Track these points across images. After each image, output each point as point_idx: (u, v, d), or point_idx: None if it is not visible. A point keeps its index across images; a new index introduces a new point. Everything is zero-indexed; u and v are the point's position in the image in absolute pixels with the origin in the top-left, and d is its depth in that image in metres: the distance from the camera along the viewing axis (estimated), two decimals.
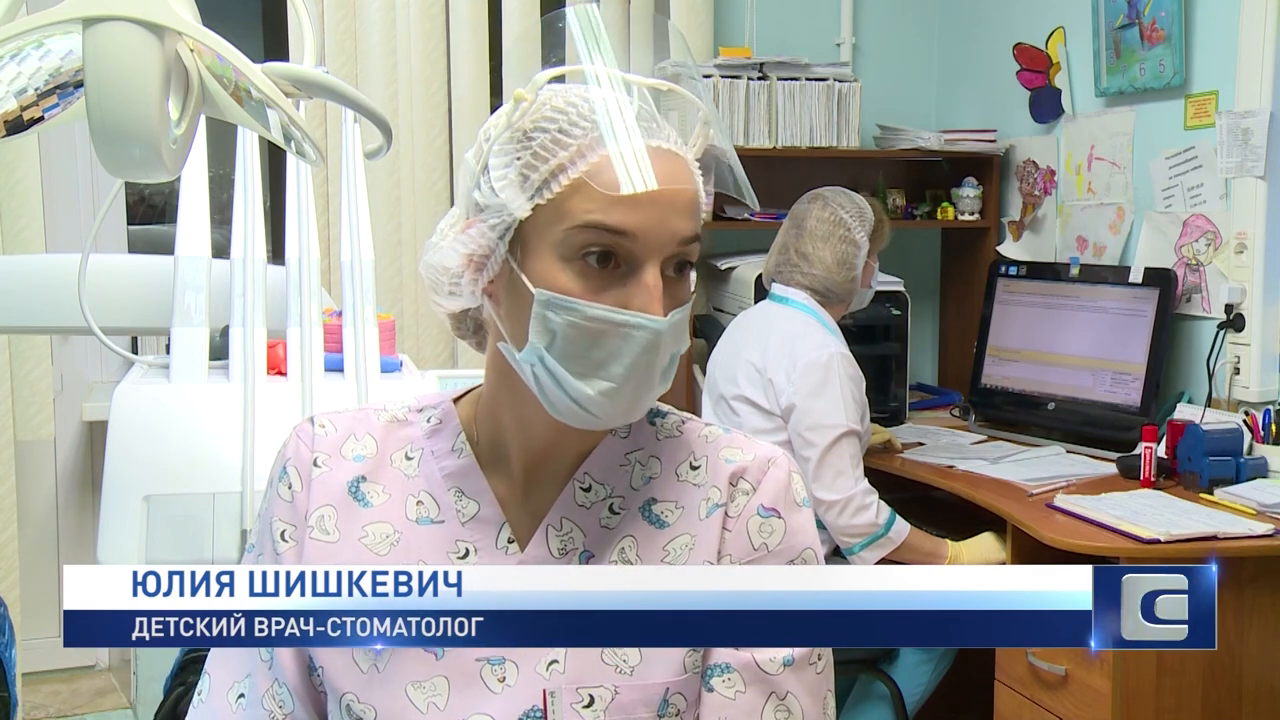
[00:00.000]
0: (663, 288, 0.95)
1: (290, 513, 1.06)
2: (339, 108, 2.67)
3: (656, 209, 0.94)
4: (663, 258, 0.95)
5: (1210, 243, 2.81)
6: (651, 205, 0.94)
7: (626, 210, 0.93)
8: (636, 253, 0.94)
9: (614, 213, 0.93)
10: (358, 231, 2.16)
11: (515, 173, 0.96)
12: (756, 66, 3.34)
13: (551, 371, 0.95)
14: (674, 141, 0.98)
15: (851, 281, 2.67)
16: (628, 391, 0.95)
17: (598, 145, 0.95)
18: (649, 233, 0.94)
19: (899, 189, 3.61)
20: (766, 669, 0.99)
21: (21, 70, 1.04)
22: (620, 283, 0.95)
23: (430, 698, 0.99)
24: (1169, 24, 2.87)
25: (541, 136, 0.96)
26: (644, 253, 0.94)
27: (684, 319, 0.98)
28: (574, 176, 0.94)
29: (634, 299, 0.94)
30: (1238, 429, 2.51)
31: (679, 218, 0.96)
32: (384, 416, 1.09)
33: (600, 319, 0.94)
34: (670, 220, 0.95)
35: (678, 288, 0.98)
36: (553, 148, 0.95)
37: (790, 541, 1.03)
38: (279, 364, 2.08)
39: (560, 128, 0.96)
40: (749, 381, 2.60)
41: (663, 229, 0.95)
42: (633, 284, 0.94)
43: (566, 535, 1.03)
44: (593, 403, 0.95)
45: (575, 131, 0.95)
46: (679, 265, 0.98)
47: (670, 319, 0.95)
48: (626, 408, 0.97)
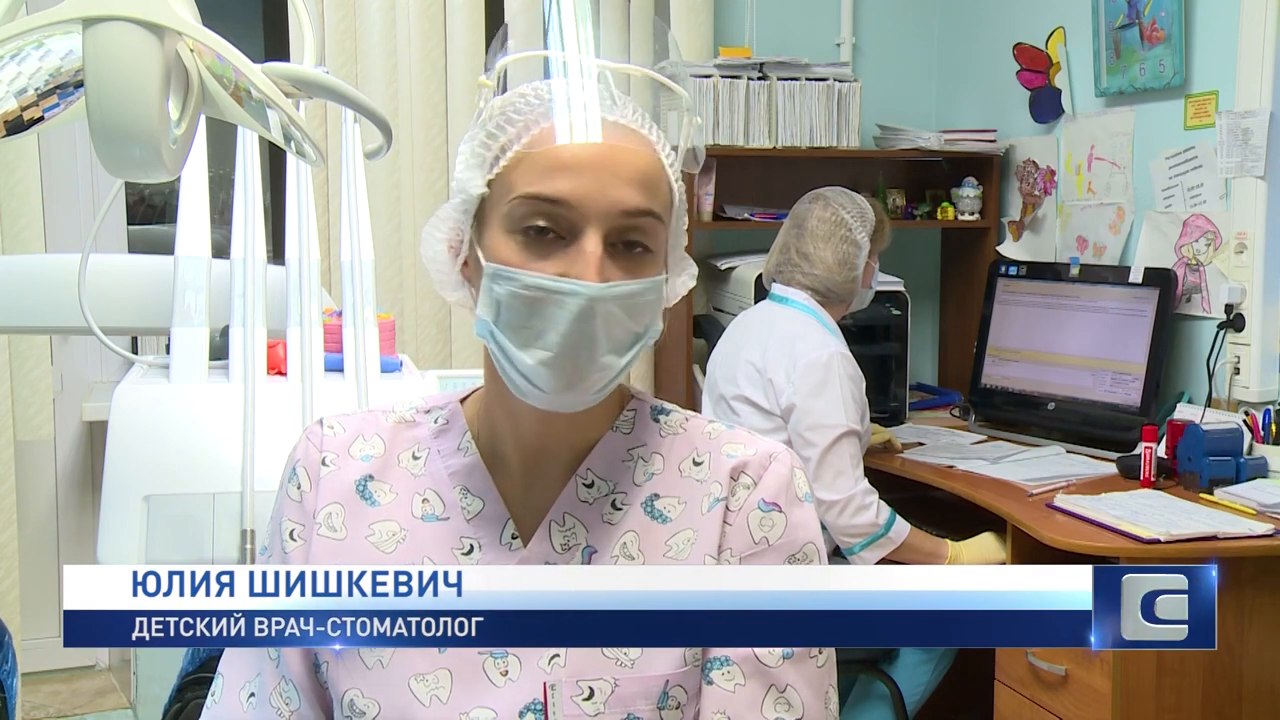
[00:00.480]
0: (606, 258, 0.95)
1: (299, 513, 1.07)
2: (339, 108, 2.67)
3: (596, 177, 0.95)
4: (606, 228, 0.95)
5: (1210, 243, 2.81)
6: (592, 172, 0.95)
7: (564, 178, 0.95)
8: (576, 221, 0.95)
9: (552, 181, 0.95)
10: (358, 231, 2.16)
11: (473, 153, 0.99)
12: (756, 66, 3.34)
13: (500, 344, 0.97)
14: (634, 120, 0.99)
15: (852, 282, 2.67)
16: (566, 362, 0.95)
17: (543, 118, 0.97)
18: (586, 200, 0.95)
19: (899, 189, 3.62)
20: (766, 661, 1.00)
21: (21, 70, 1.05)
22: (561, 252, 0.95)
23: (433, 691, 1.00)
24: (1169, 24, 2.87)
25: (497, 117, 0.99)
26: (582, 220, 0.95)
27: (636, 293, 0.97)
28: (517, 149, 0.97)
29: (572, 267, 0.94)
30: (1238, 429, 2.51)
31: (622, 187, 0.96)
32: (392, 418, 1.10)
33: (536, 286, 0.94)
34: (611, 189, 0.95)
35: (631, 263, 0.97)
36: (505, 125, 0.98)
37: (791, 536, 1.03)
38: (279, 364, 2.08)
39: (514, 106, 0.99)
40: (749, 381, 2.60)
41: (602, 197, 0.95)
42: (573, 252, 0.95)
43: (569, 531, 1.03)
44: (534, 373, 0.95)
45: (524, 107, 0.98)
46: (630, 242, 0.97)
47: (607, 286, 0.94)
48: (569, 379, 0.96)
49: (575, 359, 0.95)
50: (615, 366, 0.97)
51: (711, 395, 2.73)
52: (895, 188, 3.61)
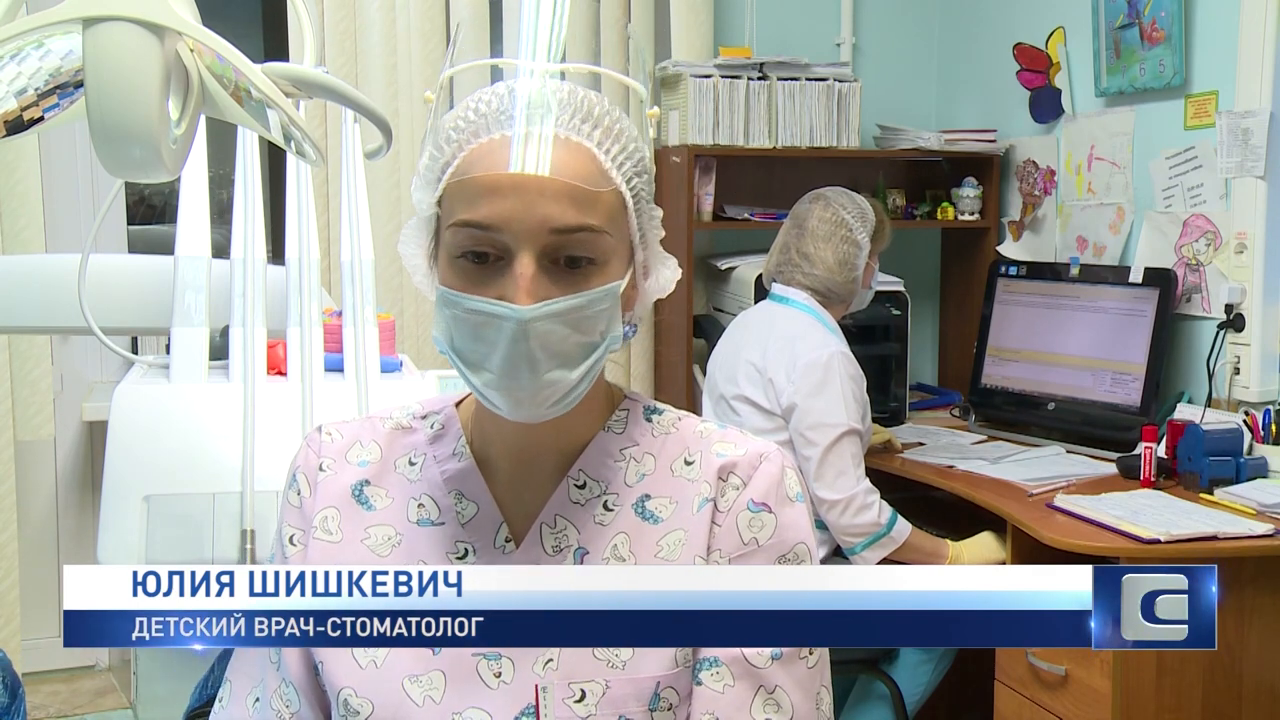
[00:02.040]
0: (542, 276, 0.94)
1: (299, 518, 1.08)
2: (339, 108, 2.67)
3: (521, 197, 0.94)
4: (538, 247, 0.94)
5: (1210, 243, 2.81)
6: (516, 194, 0.94)
7: (489, 203, 0.94)
8: (507, 243, 0.94)
9: (479, 207, 0.94)
10: (358, 231, 2.16)
11: (423, 172, 1.00)
12: (756, 66, 3.34)
13: (456, 364, 0.98)
14: (566, 127, 0.97)
15: (853, 282, 2.68)
16: (510, 382, 0.95)
17: (473, 137, 0.97)
18: (513, 222, 0.94)
19: (899, 189, 3.61)
20: (754, 663, 0.99)
21: (21, 70, 1.05)
22: (500, 275, 0.95)
23: (427, 692, 1.00)
24: (1169, 24, 2.87)
25: (438, 135, 0.99)
26: (513, 243, 0.94)
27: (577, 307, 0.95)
28: (450, 173, 0.97)
29: (506, 289, 0.94)
30: (1238, 429, 2.51)
31: (550, 204, 0.94)
32: (389, 424, 1.11)
33: (474, 310, 0.95)
34: (538, 208, 0.94)
35: (575, 277, 0.96)
36: (443, 145, 0.98)
37: (781, 536, 1.02)
38: (279, 364, 2.08)
39: (455, 125, 0.98)
40: (749, 381, 2.60)
41: (529, 217, 0.93)
42: (507, 274, 0.94)
43: (560, 533, 1.03)
44: (487, 393, 0.97)
45: (460, 125, 0.97)
46: (572, 258, 0.96)
47: (539, 306, 0.93)
48: (517, 398, 0.96)
49: (517, 379, 0.95)
50: (566, 380, 0.96)
51: (712, 395, 2.74)
52: (895, 188, 3.61)
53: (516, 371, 0.94)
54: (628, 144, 1.00)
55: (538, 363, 0.94)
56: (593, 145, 0.97)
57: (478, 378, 0.96)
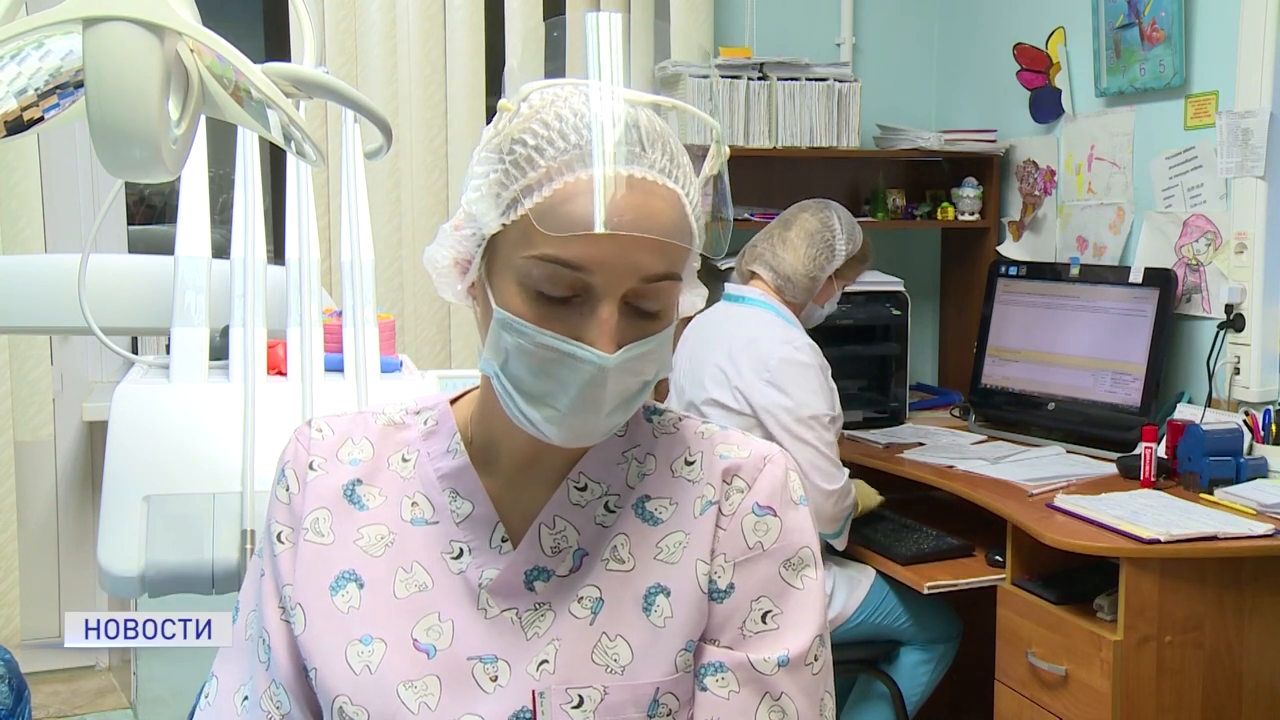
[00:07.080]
0: (619, 323, 0.92)
1: (288, 515, 1.07)
2: (339, 108, 2.67)
3: (617, 244, 0.90)
4: (623, 293, 0.92)
5: (1210, 243, 2.81)
6: (612, 240, 0.90)
7: (585, 245, 0.90)
8: (594, 286, 0.91)
9: (570, 246, 0.90)
10: (358, 231, 2.16)
11: (490, 185, 0.95)
12: (756, 66, 3.35)
13: (506, 389, 0.95)
14: (659, 169, 0.93)
15: (812, 282, 2.65)
16: (575, 421, 0.94)
17: (567, 170, 0.91)
18: (607, 268, 0.91)
19: (899, 189, 3.62)
20: (761, 669, 0.99)
21: (21, 70, 1.04)
22: (575, 313, 0.92)
23: (422, 698, 0.99)
24: (1169, 24, 2.87)
25: (518, 152, 0.93)
26: (601, 287, 0.91)
27: (648, 352, 0.95)
28: (538, 201, 0.91)
29: (587, 332, 0.92)
30: (1238, 429, 2.51)
31: (643, 252, 0.91)
32: (381, 420, 1.10)
33: (548, 347, 0.92)
34: (632, 254, 0.91)
35: (645, 322, 0.95)
36: (525, 166, 0.92)
37: (787, 540, 1.02)
38: (279, 364, 2.08)
39: (537, 145, 0.92)
40: (715, 384, 2.59)
41: (622, 264, 0.91)
42: (587, 316, 0.92)
43: (560, 534, 1.03)
44: (542, 426, 0.95)
45: (549, 151, 0.92)
46: (646, 304, 0.94)
47: (620, 356, 0.92)
48: (575, 433, 0.95)
49: (584, 419, 0.94)
50: (623, 418, 0.97)
51: (680, 402, 2.71)
52: (895, 188, 3.62)
53: (584, 412, 0.94)
54: (695, 184, 0.98)
55: (604, 405, 0.94)
56: (679, 189, 0.95)
57: (536, 410, 0.94)
